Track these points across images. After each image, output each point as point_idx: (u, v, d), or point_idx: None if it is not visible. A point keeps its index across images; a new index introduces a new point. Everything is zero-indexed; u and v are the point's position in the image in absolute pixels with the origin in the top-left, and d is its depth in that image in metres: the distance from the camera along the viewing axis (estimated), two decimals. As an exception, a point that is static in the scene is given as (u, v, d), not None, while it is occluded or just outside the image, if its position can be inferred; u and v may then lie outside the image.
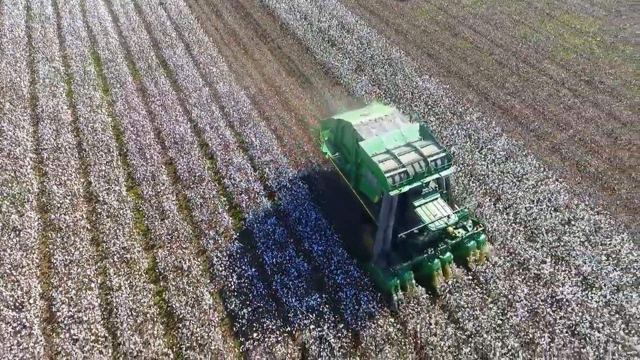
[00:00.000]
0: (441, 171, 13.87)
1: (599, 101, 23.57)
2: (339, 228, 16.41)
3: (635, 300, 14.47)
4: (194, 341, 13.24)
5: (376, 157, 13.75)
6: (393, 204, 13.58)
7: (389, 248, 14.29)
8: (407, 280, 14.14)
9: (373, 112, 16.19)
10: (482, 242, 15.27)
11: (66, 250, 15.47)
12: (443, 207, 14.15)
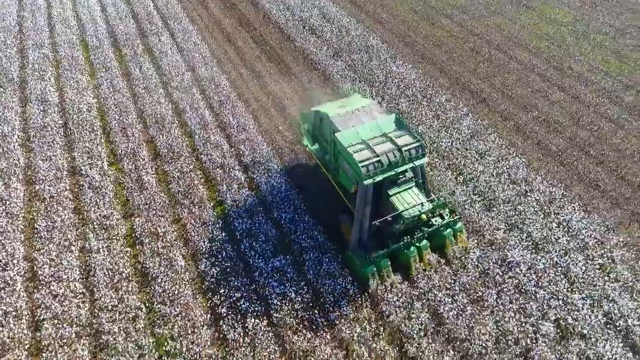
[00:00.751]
0: (415, 160, 14.13)
1: (566, 85, 24.60)
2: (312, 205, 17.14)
3: (581, 263, 15.48)
4: (165, 297, 14.24)
5: (351, 147, 13.98)
6: (368, 193, 13.87)
7: (365, 236, 14.54)
8: (384, 268, 14.41)
9: (351, 103, 16.38)
10: (458, 230, 15.58)
11: (49, 217, 16.48)
12: (417, 196, 14.43)
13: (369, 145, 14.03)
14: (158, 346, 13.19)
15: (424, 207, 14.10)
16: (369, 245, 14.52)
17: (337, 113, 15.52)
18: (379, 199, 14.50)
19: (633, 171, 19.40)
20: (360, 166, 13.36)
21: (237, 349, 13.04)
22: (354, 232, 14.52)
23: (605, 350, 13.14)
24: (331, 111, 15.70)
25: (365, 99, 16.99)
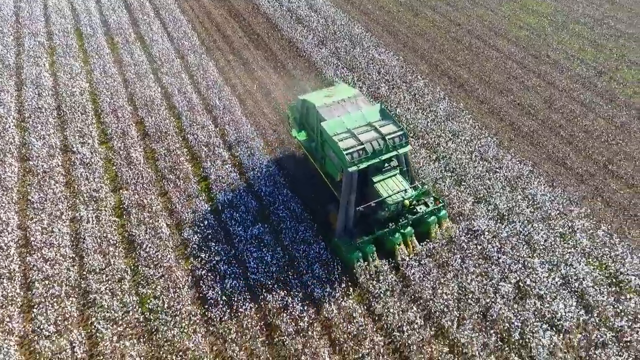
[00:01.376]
0: (399, 149, 14.51)
1: (542, 72, 25.55)
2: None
3: (542, 232, 16.43)
4: (149, 261, 15.20)
5: (337, 136, 14.38)
6: (353, 180, 14.18)
7: (351, 223, 14.84)
8: (370, 254, 14.81)
9: (338, 93, 16.68)
10: (442, 218, 15.98)
11: (42, 190, 17.43)
12: (401, 183, 14.83)
13: (354, 134, 14.39)
14: (141, 304, 14.14)
15: (407, 193, 14.50)
16: (355, 231, 14.86)
17: (323, 103, 15.89)
18: (365, 187, 14.92)
19: (600, 150, 20.35)
20: (345, 154, 13.73)
21: (215, 306, 13.99)
22: (340, 219, 14.80)
23: (560, 309, 14.07)
24: (318, 101, 16.08)
25: (352, 89, 17.26)
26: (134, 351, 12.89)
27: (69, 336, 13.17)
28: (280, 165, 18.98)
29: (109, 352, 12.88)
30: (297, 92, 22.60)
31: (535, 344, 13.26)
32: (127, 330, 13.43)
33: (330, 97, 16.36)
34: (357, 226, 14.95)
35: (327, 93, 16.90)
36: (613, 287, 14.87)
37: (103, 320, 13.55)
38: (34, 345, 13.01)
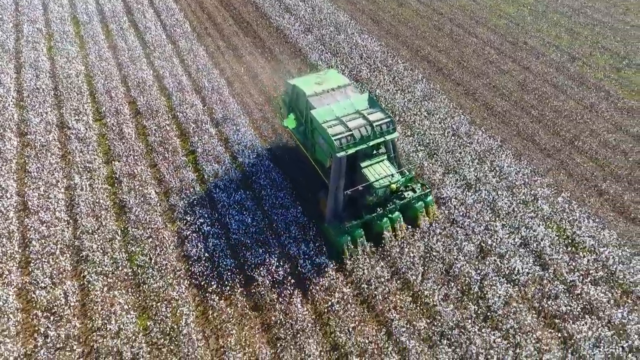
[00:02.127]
0: (386, 135, 14.98)
1: (518, 58, 26.73)
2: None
3: (506, 199, 17.59)
4: (139, 223, 16.37)
5: (326, 123, 14.84)
6: (342, 166, 14.60)
7: (340, 208, 15.31)
8: (358, 238, 15.29)
9: (328, 80, 17.10)
10: (429, 203, 16.51)
11: (39, 161, 18.61)
12: (388, 168, 15.36)
13: (343, 121, 14.88)
14: (130, 260, 15.32)
15: (393, 177, 15.09)
16: (344, 216, 15.32)
17: (313, 92, 16.40)
18: (353, 172, 15.42)
19: (567, 128, 21.51)
20: (333, 140, 14.21)
21: (198, 261, 15.17)
22: (329, 204, 15.25)
23: (517, 266, 15.24)
24: (308, 89, 16.52)
25: (341, 76, 17.67)
26: (122, 299, 14.06)
27: (63, 287, 14.33)
28: (264, 140, 20.14)
29: (100, 300, 14.05)
30: (283, 75, 23.90)
31: (491, 295, 14.43)
32: (116, 282, 14.60)
33: (320, 84, 16.86)
34: (347, 211, 15.39)
35: (317, 79, 17.29)
36: (569, 247, 16.04)
37: (94, 273, 14.72)
38: (31, 294, 14.18)
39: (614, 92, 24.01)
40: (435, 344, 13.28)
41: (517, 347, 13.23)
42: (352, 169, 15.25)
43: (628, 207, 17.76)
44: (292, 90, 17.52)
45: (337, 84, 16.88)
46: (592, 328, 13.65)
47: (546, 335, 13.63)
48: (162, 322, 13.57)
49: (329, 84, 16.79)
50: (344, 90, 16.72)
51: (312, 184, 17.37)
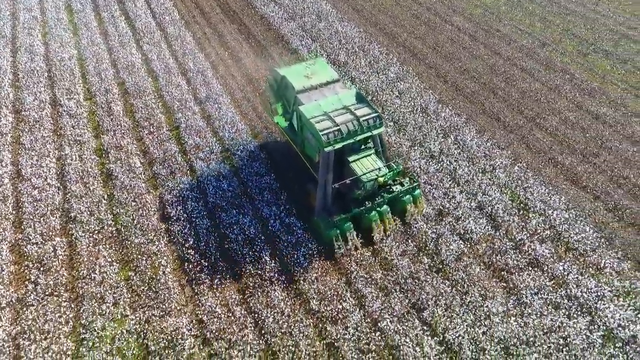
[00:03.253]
0: (373, 130, 15.13)
1: (490, 43, 28.05)
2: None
3: (466, 169, 18.92)
4: (124, 189, 17.72)
5: (314, 118, 14.97)
6: (330, 160, 14.80)
7: (329, 201, 15.55)
8: (347, 231, 15.53)
9: (316, 72, 17.07)
10: (417, 197, 16.67)
11: (32, 134, 19.96)
12: (375, 162, 15.47)
13: (330, 116, 15.03)
14: (115, 221, 16.66)
15: (381, 171, 15.20)
16: (333, 209, 15.55)
17: (302, 87, 16.45)
18: (342, 167, 15.57)
19: (531, 107, 22.84)
20: (321, 135, 14.36)
21: (177, 221, 16.52)
22: (318, 198, 15.45)
23: (471, 226, 16.59)
24: (297, 83, 16.52)
25: (331, 70, 17.65)
26: (106, 253, 15.41)
27: (52, 243, 15.67)
28: (244, 117, 21.49)
29: (85, 254, 15.39)
30: (266, 59, 25.28)
31: (445, 250, 15.78)
32: (102, 239, 15.95)
33: (309, 78, 16.87)
34: (336, 205, 15.67)
35: (307, 71, 17.22)
36: (521, 211, 17.39)
37: (82, 231, 16.07)
38: (23, 249, 15.53)
39: (579, 75, 25.34)
40: (390, 291, 14.62)
41: (465, 295, 14.58)
42: (340, 164, 15.43)
43: (580, 177, 19.10)
44: (280, 80, 17.46)
45: (326, 78, 16.94)
46: (535, 279, 15.01)
47: (492, 285, 14.97)
48: (142, 273, 14.92)
49: (318, 78, 16.87)
50: (333, 87, 16.82)
51: (286, 157, 18.76)
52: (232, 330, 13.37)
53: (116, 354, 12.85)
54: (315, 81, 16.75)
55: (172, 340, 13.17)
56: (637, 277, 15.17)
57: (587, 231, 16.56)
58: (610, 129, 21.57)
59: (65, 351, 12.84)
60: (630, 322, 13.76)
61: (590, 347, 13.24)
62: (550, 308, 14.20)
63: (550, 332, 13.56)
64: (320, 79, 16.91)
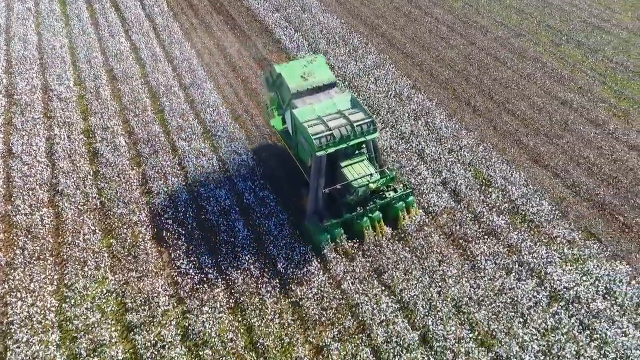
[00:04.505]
0: (366, 135, 15.06)
1: (468, 34, 29.12)
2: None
3: (434, 148, 19.99)
4: (108, 166, 18.79)
5: (307, 122, 14.88)
6: (322, 164, 14.73)
7: (320, 206, 15.51)
8: (338, 236, 15.56)
9: (313, 73, 16.66)
10: (410, 203, 16.69)
11: (24, 116, 21.05)
12: (367, 167, 15.42)
13: (324, 120, 14.91)
14: (100, 194, 17.73)
15: (372, 177, 15.09)
16: (324, 214, 15.53)
17: (297, 90, 16.16)
18: (334, 172, 15.53)
19: (501, 93, 23.91)
20: (313, 139, 14.27)
21: (158, 195, 17.59)
22: (310, 202, 15.41)
23: (434, 199, 17.64)
24: (293, 83, 16.19)
25: (328, 71, 17.16)
26: (90, 222, 16.48)
27: (40, 213, 16.75)
28: (226, 101, 22.57)
29: (71, 223, 16.47)
30: (249, 47, 26.36)
31: (407, 221, 16.83)
32: (86, 211, 17.02)
33: (306, 79, 16.49)
34: (328, 210, 15.64)
35: (304, 70, 16.73)
36: (482, 186, 18.47)
37: (68, 203, 17.14)
38: (12, 219, 16.61)
39: (550, 63, 26.41)
40: (353, 257, 15.68)
41: (423, 260, 15.64)
42: (332, 168, 15.40)
43: (542, 156, 20.18)
44: (276, 77, 17.01)
45: (322, 81, 16.59)
46: (490, 247, 16.08)
47: (450, 252, 16.04)
48: (123, 240, 15.99)
49: (314, 80, 16.50)
50: (328, 91, 16.71)
51: (264, 137, 19.87)
52: (204, 290, 14.44)
53: (96, 310, 13.91)
54: (311, 83, 16.41)
55: (148, 298, 14.23)
56: (586, 245, 16.23)
57: (544, 205, 17.62)
58: (576, 113, 22.64)
59: (49, 307, 13.89)
60: (575, 284, 14.82)
61: (536, 305, 14.31)
62: (502, 272, 15.26)
63: (500, 293, 14.62)
64: (317, 80, 16.53)
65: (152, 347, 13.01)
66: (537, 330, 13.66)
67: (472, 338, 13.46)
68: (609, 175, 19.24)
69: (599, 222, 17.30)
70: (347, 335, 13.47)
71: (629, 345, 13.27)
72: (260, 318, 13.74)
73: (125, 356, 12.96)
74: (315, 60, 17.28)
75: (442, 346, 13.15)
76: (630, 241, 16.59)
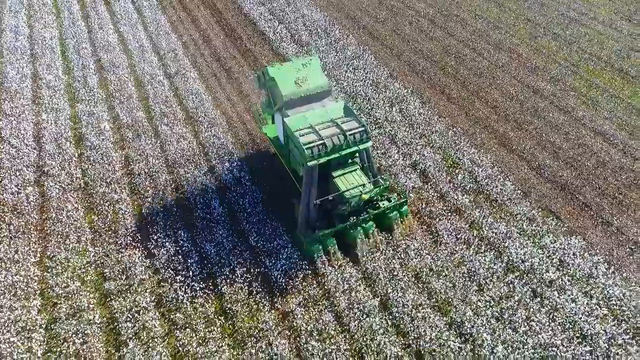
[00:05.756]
0: (359, 144, 14.73)
1: (447, 27, 29.97)
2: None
3: (406, 132, 20.84)
4: (93, 148, 19.64)
5: (299, 131, 14.58)
6: (314, 175, 14.45)
7: (313, 216, 15.20)
8: (330, 246, 15.13)
9: (308, 78, 16.16)
10: (405, 213, 16.30)
11: (12, 102, 21.89)
12: (360, 177, 15.09)
13: (316, 129, 14.58)
14: (84, 175, 18.58)
15: (365, 187, 14.78)
16: (317, 225, 15.20)
17: (290, 97, 15.72)
18: (326, 182, 15.20)
19: (476, 82, 24.75)
20: (305, 148, 13.93)
21: (139, 175, 18.45)
22: (302, 212, 15.07)
23: (403, 180, 18.48)
24: (286, 88, 15.71)
25: (323, 76, 16.64)
26: (73, 200, 17.34)
27: (26, 192, 17.60)
28: (208, 88, 23.44)
29: (55, 201, 17.32)
30: (234, 39, 27.19)
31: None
32: (70, 189, 17.87)
33: (299, 85, 16.00)
34: (320, 220, 15.31)
35: (297, 75, 16.10)
36: (450, 168, 19.31)
37: (53, 182, 17.99)
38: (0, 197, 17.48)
39: (526, 55, 27.27)
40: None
41: (388, 235, 16.46)
42: (325, 178, 15.11)
43: (511, 141, 21.03)
44: (269, 79, 16.27)
45: (316, 89, 16.11)
46: (453, 223, 16.92)
47: (415, 227, 16.87)
48: (105, 217, 16.84)
49: (308, 86, 16.01)
50: (321, 100, 16.33)
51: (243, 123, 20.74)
52: (179, 261, 15.30)
53: (76, 279, 14.76)
54: (305, 90, 15.95)
55: (126, 269, 15.08)
56: (545, 222, 17.08)
57: (507, 185, 18.48)
58: (547, 101, 23.49)
59: (32, 277, 14.74)
60: (530, 256, 15.67)
61: (493, 275, 15.15)
62: (463, 246, 16.12)
63: (459, 265, 15.47)
64: (311, 88, 16.04)
65: (128, 311, 13.86)
66: (491, 299, 14.50)
67: (429, 305, 14.30)
68: (574, 158, 20.09)
69: (560, 201, 18.15)
70: (311, 302, 14.31)
71: (576, 311, 14.11)
72: (230, 285, 14.59)
73: (102, 320, 13.79)
74: (310, 64, 16.56)
75: (400, 311, 13.99)
76: (588, 219, 17.44)
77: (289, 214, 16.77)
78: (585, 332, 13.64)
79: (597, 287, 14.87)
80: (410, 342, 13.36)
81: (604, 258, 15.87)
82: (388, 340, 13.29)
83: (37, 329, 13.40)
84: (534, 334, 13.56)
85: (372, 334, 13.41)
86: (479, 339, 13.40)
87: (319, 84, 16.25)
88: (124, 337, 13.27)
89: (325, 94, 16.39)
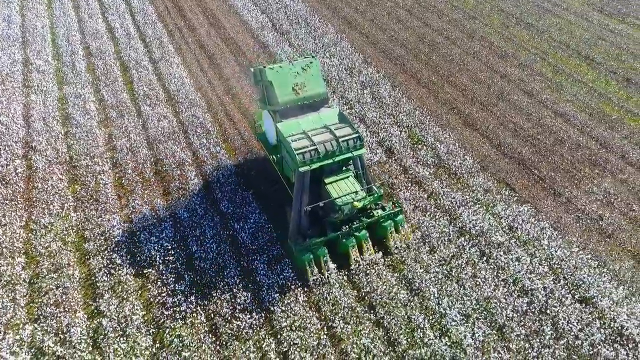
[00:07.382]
0: (353, 151, 14.49)
1: (424, 17, 31.20)
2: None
3: (376, 112, 22.04)
4: (79, 127, 20.86)
5: (291, 137, 14.38)
6: (305, 181, 14.22)
7: (304, 224, 14.87)
8: (322, 256, 14.66)
9: (306, 83, 15.85)
10: (400, 222, 15.84)
11: (3, 85, 23.10)
12: (353, 185, 14.86)
13: (308, 135, 14.41)
14: (69, 150, 19.79)
15: (357, 195, 14.53)
16: (308, 233, 14.92)
17: (286, 104, 15.58)
18: (318, 189, 15.03)
19: (447, 68, 25.95)
20: (296, 154, 13.74)
21: (121, 151, 19.66)
22: (293, 220, 14.83)
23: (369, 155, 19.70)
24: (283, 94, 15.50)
25: (322, 83, 16.37)
26: (58, 172, 18.55)
27: (14, 164, 18.80)
28: (190, 73, 24.65)
29: (41, 173, 18.52)
30: (218, 28, 28.39)
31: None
32: (56, 163, 19.07)
33: (297, 93, 15.72)
34: (312, 229, 15.06)
35: (296, 81, 15.80)
36: (414, 145, 20.50)
37: (40, 156, 19.19)
38: (-11, 170, 18.70)
39: (497, 42, 28.50)
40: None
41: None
42: (317, 185, 14.93)
43: (475, 121, 22.23)
44: (266, 81, 15.85)
45: (313, 97, 15.92)
46: (412, 193, 18.12)
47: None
48: (87, 187, 18.04)
49: (306, 94, 15.80)
50: (318, 109, 16.04)
51: (222, 104, 21.97)
52: (154, 224, 16.51)
53: (58, 240, 15.96)
54: (302, 99, 15.73)
55: (105, 231, 16.29)
56: (499, 192, 18.28)
57: (467, 160, 19.68)
58: (513, 85, 24.72)
59: (17, 238, 15.95)
60: (482, 222, 16.87)
61: (445, 239, 16.33)
62: (419, 213, 17.31)
63: (414, 230, 16.65)
64: (308, 96, 15.83)
65: (105, 268, 15.06)
66: (442, 258, 15.69)
67: (384, 264, 15.48)
68: (533, 137, 21.30)
69: (516, 175, 19.35)
70: (274, 261, 15.50)
71: (520, 269, 15.31)
72: (200, 245, 15.79)
73: (81, 276, 14.99)
74: (310, 68, 16.13)
75: (356, 269, 15.15)
76: (541, 190, 18.65)
77: (259, 184, 18.00)
78: (526, 287, 14.83)
79: (542, 248, 16.07)
80: (363, 294, 14.55)
81: (551, 224, 17.07)
82: (344, 293, 14.47)
83: (21, 282, 14.59)
84: (478, 288, 14.75)
85: (329, 288, 14.59)
86: (427, 292, 14.59)
87: (317, 92, 15.99)
88: (101, 291, 14.46)
89: (322, 102, 16.22)
